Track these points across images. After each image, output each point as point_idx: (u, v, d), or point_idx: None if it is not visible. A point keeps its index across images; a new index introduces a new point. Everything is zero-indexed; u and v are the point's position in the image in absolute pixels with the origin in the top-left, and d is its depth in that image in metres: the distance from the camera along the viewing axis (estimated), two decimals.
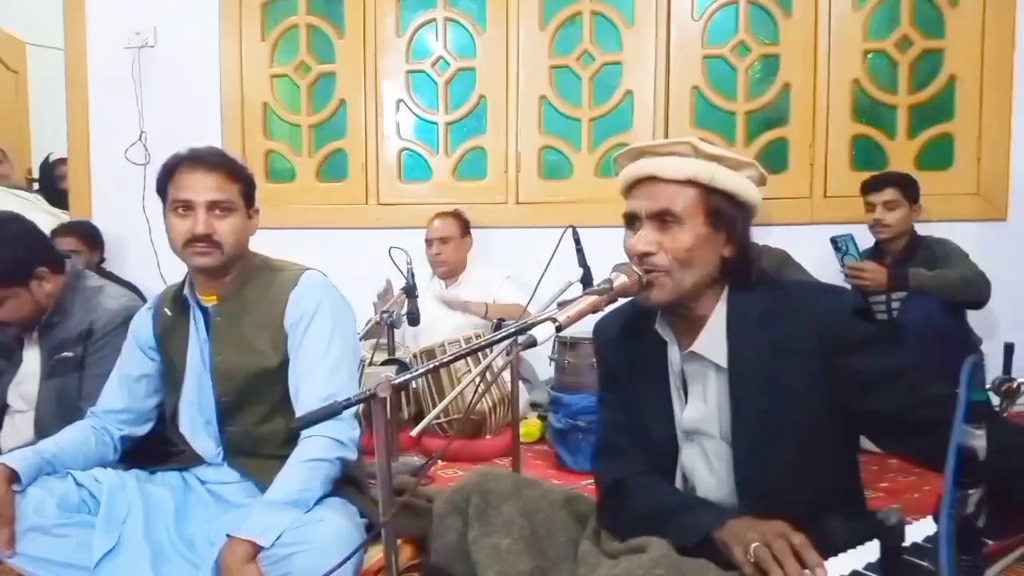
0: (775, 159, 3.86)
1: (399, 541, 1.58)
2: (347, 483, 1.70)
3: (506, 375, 2.77)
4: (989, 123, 3.62)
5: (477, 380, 2.13)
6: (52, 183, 5.09)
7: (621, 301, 1.39)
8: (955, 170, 3.71)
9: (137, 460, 1.88)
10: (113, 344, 2.06)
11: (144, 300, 2.28)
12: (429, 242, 3.78)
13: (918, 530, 1.17)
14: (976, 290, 2.95)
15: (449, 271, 3.81)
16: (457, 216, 3.84)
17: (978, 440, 0.96)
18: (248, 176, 1.78)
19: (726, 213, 1.33)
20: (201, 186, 1.69)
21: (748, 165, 1.35)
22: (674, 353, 1.42)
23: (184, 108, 4.32)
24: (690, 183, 1.31)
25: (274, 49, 4.36)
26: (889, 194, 3.20)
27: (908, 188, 3.22)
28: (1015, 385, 1.70)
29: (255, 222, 1.81)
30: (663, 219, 1.32)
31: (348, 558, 1.35)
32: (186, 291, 1.82)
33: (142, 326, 1.88)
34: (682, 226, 1.31)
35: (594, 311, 1.31)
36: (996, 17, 3.58)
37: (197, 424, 1.80)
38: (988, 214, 3.62)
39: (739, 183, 1.33)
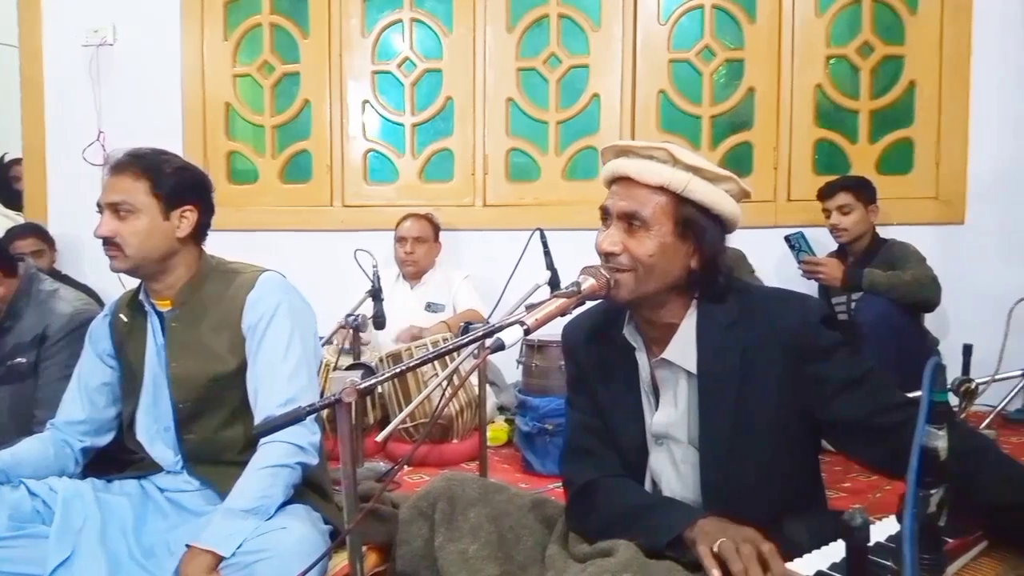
0: (740, 163, 3.90)
1: (364, 548, 1.55)
2: (311, 489, 1.67)
3: (473, 379, 2.76)
4: (947, 128, 3.69)
5: (444, 384, 2.11)
6: (7, 184, 4.97)
7: (589, 304, 1.39)
8: (915, 174, 3.78)
9: (94, 469, 1.83)
10: (68, 349, 2.01)
11: (101, 304, 2.23)
12: (402, 240, 3.73)
13: (881, 530, 1.18)
14: (927, 293, 3.01)
15: (417, 272, 3.77)
16: (430, 220, 3.82)
17: (940, 440, 0.97)
18: (166, 175, 1.68)
19: (696, 224, 1.32)
20: (108, 188, 1.68)
21: (727, 179, 1.33)
22: (643, 358, 1.42)
23: (144, 108, 4.24)
24: (663, 190, 1.31)
25: (237, 48, 4.30)
26: (842, 199, 3.26)
27: (861, 191, 3.28)
28: (973, 386, 1.75)
29: (184, 224, 1.70)
30: (631, 221, 1.32)
31: (312, 566, 1.33)
32: (141, 296, 1.78)
33: (100, 334, 1.83)
34: (648, 232, 1.31)
35: (562, 314, 1.31)
36: (954, 25, 3.65)
37: (154, 432, 1.76)
38: (947, 217, 3.70)
39: (714, 196, 1.32)
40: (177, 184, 1.70)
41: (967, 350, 2.08)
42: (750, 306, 1.36)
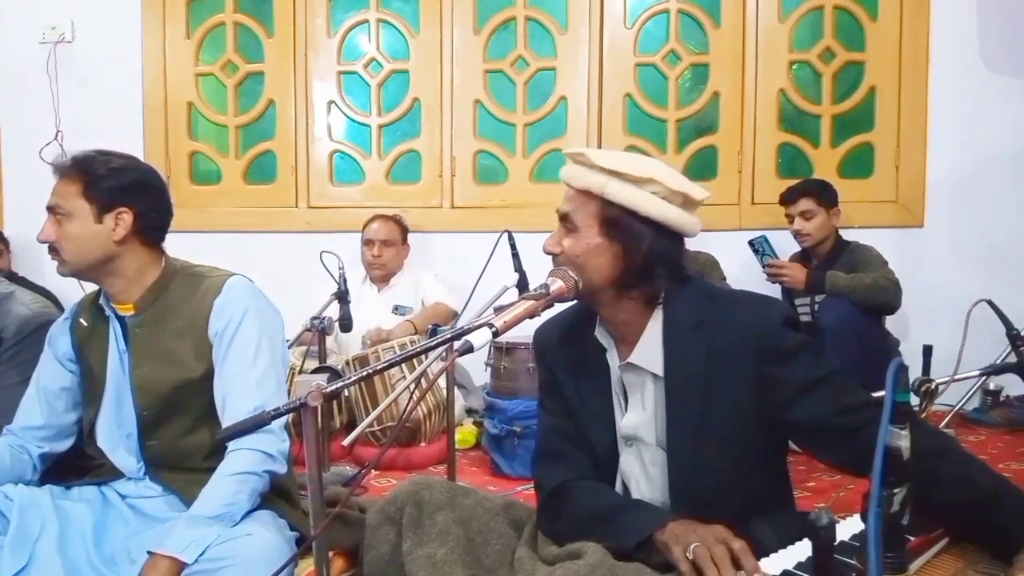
0: (705, 166, 3.95)
1: (331, 553, 1.54)
2: (277, 495, 1.65)
3: (441, 381, 2.74)
4: (907, 133, 3.77)
5: (412, 387, 2.10)
6: None
7: (559, 306, 1.40)
8: (875, 178, 3.85)
9: (53, 475, 1.78)
10: (25, 353, 1.95)
11: (60, 307, 2.18)
12: (370, 243, 3.69)
13: (845, 528, 1.20)
14: (888, 296, 3.07)
15: (384, 275, 3.74)
16: (398, 222, 3.79)
17: (902, 440, 0.98)
18: (98, 176, 1.63)
19: (624, 226, 1.33)
20: (51, 191, 1.66)
21: (648, 181, 1.32)
22: (614, 360, 1.43)
23: (103, 107, 4.16)
24: (588, 193, 1.35)
25: (199, 47, 4.24)
26: (804, 204, 3.31)
27: (822, 195, 3.33)
28: (934, 386, 1.77)
29: (120, 226, 1.64)
30: (566, 224, 1.37)
31: (278, 573, 1.31)
32: (101, 300, 1.73)
33: (60, 337, 1.79)
34: (577, 233, 1.35)
35: (530, 316, 1.32)
36: (913, 32, 3.74)
37: (116, 438, 1.72)
38: (906, 221, 3.78)
39: (633, 198, 1.32)
40: (111, 185, 1.64)
41: (927, 351, 2.11)
42: (716, 308, 1.38)
